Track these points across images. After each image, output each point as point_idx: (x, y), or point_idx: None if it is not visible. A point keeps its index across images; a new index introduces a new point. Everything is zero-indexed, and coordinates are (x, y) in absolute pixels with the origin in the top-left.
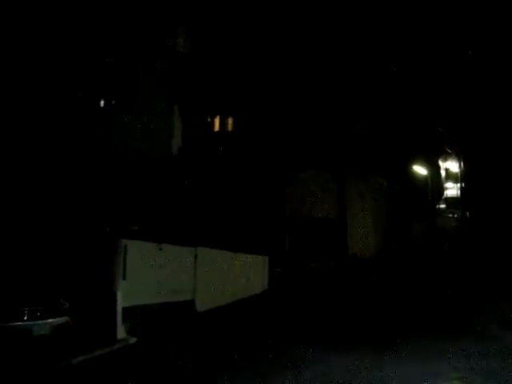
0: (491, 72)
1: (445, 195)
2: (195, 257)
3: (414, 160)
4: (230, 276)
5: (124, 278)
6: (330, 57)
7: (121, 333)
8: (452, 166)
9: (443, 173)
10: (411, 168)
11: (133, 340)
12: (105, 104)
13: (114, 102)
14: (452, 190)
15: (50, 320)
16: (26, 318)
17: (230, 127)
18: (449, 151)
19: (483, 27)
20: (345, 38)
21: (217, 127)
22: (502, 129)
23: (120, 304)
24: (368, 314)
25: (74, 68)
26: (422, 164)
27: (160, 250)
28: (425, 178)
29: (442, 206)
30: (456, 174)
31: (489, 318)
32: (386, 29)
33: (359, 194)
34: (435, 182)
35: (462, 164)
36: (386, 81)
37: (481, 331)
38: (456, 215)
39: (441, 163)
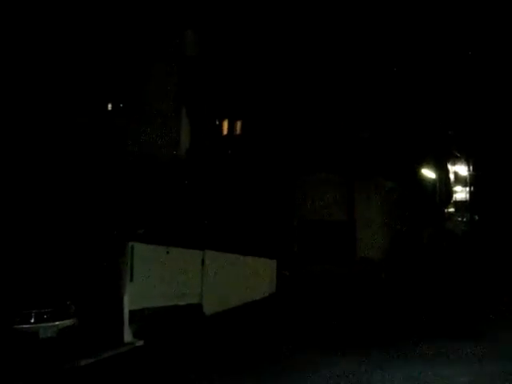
0: (501, 77)
1: (454, 199)
2: (203, 260)
3: (423, 163)
4: (238, 279)
5: (131, 281)
6: (338, 60)
7: (128, 335)
8: (461, 169)
9: (452, 176)
10: (420, 171)
11: (140, 343)
12: (112, 107)
13: (121, 105)
14: (461, 193)
15: (57, 322)
16: (32, 321)
17: (238, 130)
18: (458, 155)
19: (494, 30)
20: (353, 42)
21: (225, 130)
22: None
23: (127, 306)
24: (376, 318)
25: (81, 71)
26: (430, 167)
27: (167, 252)
28: (433, 182)
29: (451, 209)
30: (465, 177)
31: (500, 322)
32: (395, 33)
33: (368, 197)
34: (444, 186)
35: (471, 168)
36: (396, 84)
37: (491, 337)
38: (465, 219)
39: (450, 167)
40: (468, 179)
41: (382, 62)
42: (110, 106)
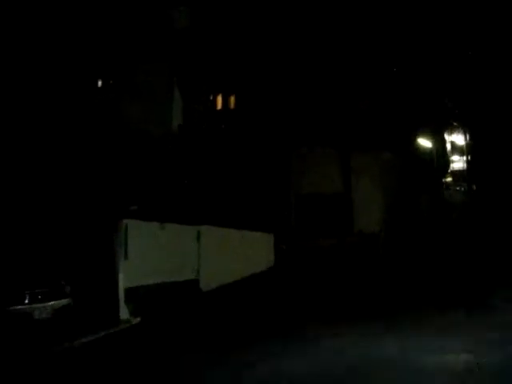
0: (497, 45)
1: (451, 168)
2: (199, 235)
3: (420, 133)
4: (235, 254)
5: (126, 258)
6: (333, 32)
7: (124, 313)
8: (458, 139)
9: (449, 146)
10: (417, 141)
11: (136, 320)
12: (102, 84)
13: (111, 81)
14: (458, 163)
15: (52, 303)
16: (27, 302)
17: (232, 105)
18: (454, 124)
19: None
20: (348, 15)
21: (219, 105)
22: (508, 101)
23: (122, 284)
24: (373, 291)
25: (69, 48)
26: (427, 137)
27: (162, 229)
28: (430, 152)
29: (449, 179)
30: (462, 147)
31: (497, 292)
32: (389, 7)
33: (365, 169)
34: (441, 156)
35: (467, 137)
36: (392, 54)
37: (489, 304)
38: (463, 188)
39: (446, 136)
40: (465, 148)
41: (378, 34)
42: (99, 83)
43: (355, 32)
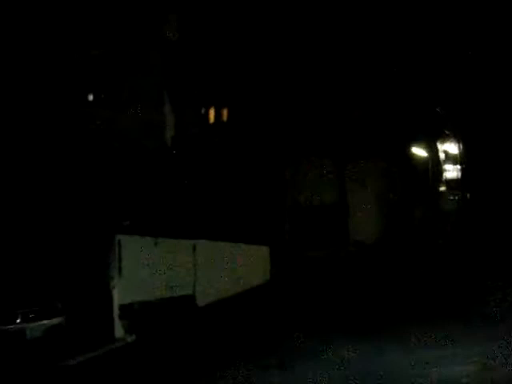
0: (489, 53)
1: (444, 178)
2: (194, 250)
3: (414, 143)
4: (231, 268)
5: (120, 275)
6: (326, 41)
7: (119, 331)
8: (451, 148)
9: (442, 155)
10: (411, 151)
11: (132, 338)
12: (94, 97)
13: (103, 95)
14: (452, 172)
15: (45, 321)
16: (19, 321)
17: (225, 118)
18: (447, 133)
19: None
20: (341, 22)
21: (212, 118)
22: (500, 109)
23: (116, 301)
24: (371, 303)
25: (60, 61)
26: (421, 147)
27: (156, 244)
28: (424, 161)
29: (442, 188)
30: (455, 156)
31: (495, 301)
32: (382, 13)
33: (360, 179)
34: (435, 165)
35: (460, 146)
36: (384, 64)
37: (488, 315)
38: (457, 197)
39: (439, 145)
40: (458, 157)
41: (370, 42)
42: (91, 97)
43: (348, 40)
